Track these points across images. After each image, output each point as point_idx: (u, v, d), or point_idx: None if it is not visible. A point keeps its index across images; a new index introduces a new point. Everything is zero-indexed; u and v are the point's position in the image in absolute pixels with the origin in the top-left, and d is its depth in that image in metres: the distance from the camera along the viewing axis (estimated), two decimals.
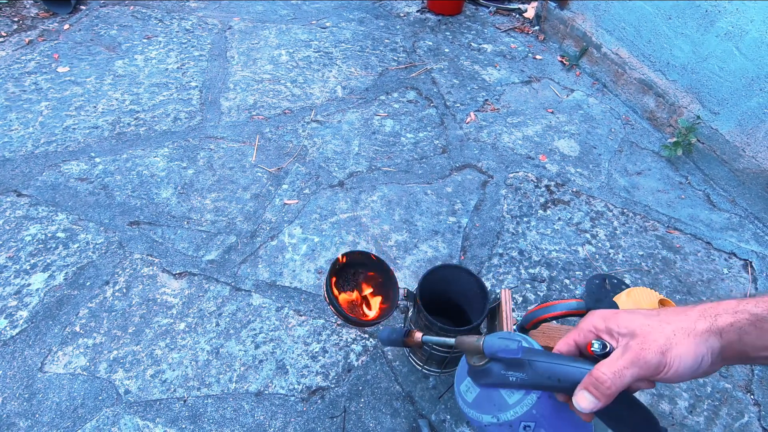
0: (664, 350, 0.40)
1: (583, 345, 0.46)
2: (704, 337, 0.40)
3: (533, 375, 0.45)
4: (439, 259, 1.39)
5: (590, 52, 2.18)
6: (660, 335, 0.41)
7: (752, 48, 1.52)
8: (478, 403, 0.50)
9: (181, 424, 1.03)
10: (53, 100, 1.79)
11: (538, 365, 0.45)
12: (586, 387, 0.41)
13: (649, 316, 0.43)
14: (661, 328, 0.41)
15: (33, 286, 1.24)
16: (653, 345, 0.40)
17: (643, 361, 0.40)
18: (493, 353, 0.45)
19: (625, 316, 0.44)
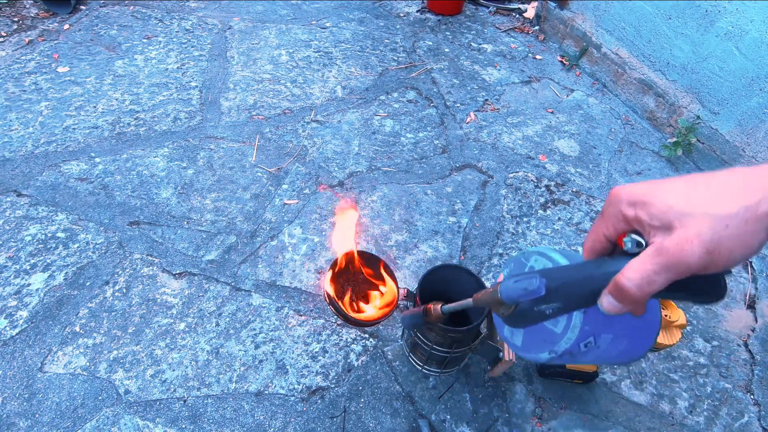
0: (712, 248, 0.31)
1: (614, 237, 0.39)
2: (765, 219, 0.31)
3: (567, 301, 0.40)
4: (439, 259, 1.39)
5: (590, 52, 2.18)
6: (706, 227, 0.31)
7: (752, 48, 1.52)
8: (528, 344, 0.48)
9: (181, 424, 1.03)
10: (53, 100, 1.79)
11: (567, 289, 0.40)
12: (611, 291, 0.36)
13: (692, 196, 0.33)
14: (707, 216, 0.32)
15: (33, 286, 1.24)
16: (695, 243, 0.32)
17: (683, 266, 0.32)
18: (515, 300, 0.42)
19: (660, 200, 0.34)
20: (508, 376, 1.15)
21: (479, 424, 1.07)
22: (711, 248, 0.31)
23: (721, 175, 0.33)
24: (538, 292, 0.40)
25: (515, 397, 1.12)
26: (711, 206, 0.32)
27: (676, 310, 0.81)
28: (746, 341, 1.28)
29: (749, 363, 1.23)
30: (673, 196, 0.34)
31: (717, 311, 1.34)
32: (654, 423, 1.11)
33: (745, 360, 1.24)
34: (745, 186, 0.32)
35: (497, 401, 1.11)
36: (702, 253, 0.32)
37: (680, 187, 0.34)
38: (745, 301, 1.37)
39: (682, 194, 0.34)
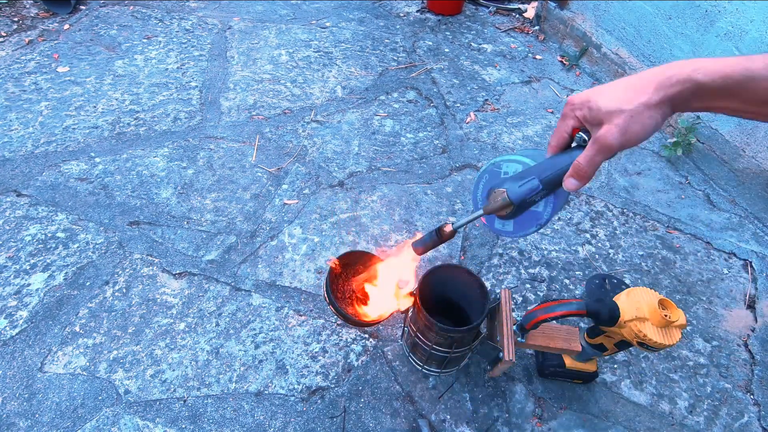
0: (624, 131, 0.48)
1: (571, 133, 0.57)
2: (661, 107, 0.48)
3: (547, 187, 0.58)
4: (439, 259, 1.39)
5: (590, 52, 2.18)
6: (621, 120, 0.48)
7: (752, 48, 1.52)
8: (518, 226, 0.66)
9: (181, 424, 1.03)
10: (53, 100, 1.79)
11: (548, 179, 0.58)
12: (571, 174, 0.55)
13: (612, 98, 0.49)
14: (623, 107, 0.48)
15: (33, 286, 1.24)
16: (615, 131, 0.49)
17: (608, 147, 0.50)
18: (523, 199, 0.60)
19: (594, 103, 0.51)
20: (508, 376, 1.15)
21: (479, 424, 1.07)
22: (624, 132, 0.49)
23: (631, 80, 0.50)
24: (537, 188, 0.59)
25: (515, 397, 1.12)
26: (623, 104, 0.48)
27: (676, 310, 0.81)
28: (746, 341, 1.28)
29: (749, 363, 1.23)
30: (602, 100, 0.50)
31: (717, 311, 1.34)
32: (654, 423, 1.11)
33: (745, 360, 1.24)
34: (642, 87, 0.48)
35: (497, 401, 1.11)
36: (619, 136, 0.49)
37: (606, 91, 0.50)
38: (745, 301, 1.37)
39: (607, 98, 0.50)
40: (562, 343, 1.01)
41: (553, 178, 0.57)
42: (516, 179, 0.61)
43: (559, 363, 1.09)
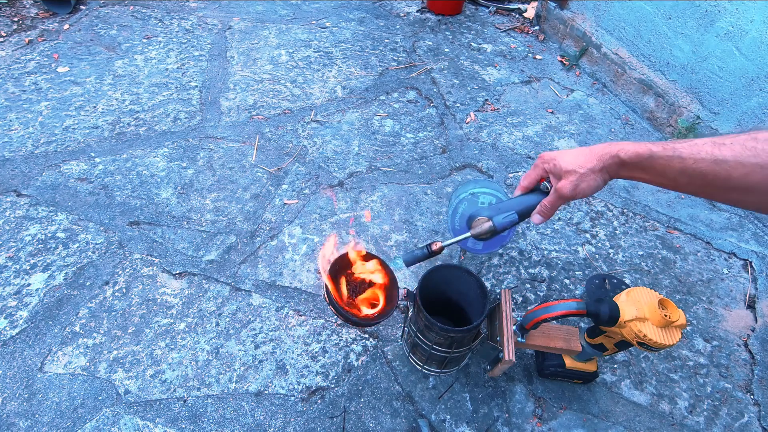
0: (575, 186, 0.69)
1: (539, 180, 0.78)
2: (602, 173, 0.68)
3: (519, 218, 0.78)
4: (439, 259, 1.39)
5: (590, 52, 2.18)
6: (574, 178, 0.68)
7: (752, 48, 1.52)
8: (486, 246, 0.95)
9: (181, 424, 1.03)
10: (53, 100, 1.79)
11: (521, 213, 0.77)
12: (538, 212, 0.77)
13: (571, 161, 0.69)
14: (577, 170, 0.68)
15: (33, 286, 1.24)
16: (569, 186, 0.69)
17: (564, 196, 0.71)
18: (504, 227, 0.77)
19: (558, 161, 0.70)
20: (508, 376, 1.15)
21: (479, 424, 1.07)
22: (574, 187, 0.69)
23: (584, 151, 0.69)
24: (516, 221, 0.77)
25: (515, 397, 1.12)
26: (577, 167, 0.68)
27: (676, 310, 0.81)
28: (746, 341, 1.28)
29: (749, 363, 1.23)
30: (563, 161, 0.70)
31: (717, 311, 1.34)
32: (654, 423, 1.11)
33: (745, 360, 1.24)
34: (591, 158, 0.67)
35: (497, 401, 1.11)
36: (571, 189, 0.69)
37: (568, 156, 0.70)
38: (745, 301, 1.37)
39: (567, 161, 0.69)
40: (562, 343, 1.01)
41: (524, 213, 0.77)
42: (495, 210, 0.78)
43: (559, 363, 1.09)
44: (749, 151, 0.52)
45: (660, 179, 0.63)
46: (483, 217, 0.78)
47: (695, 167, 0.57)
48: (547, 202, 0.74)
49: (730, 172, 0.54)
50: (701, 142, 0.57)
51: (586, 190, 0.68)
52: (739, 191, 0.55)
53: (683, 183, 0.60)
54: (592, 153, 0.67)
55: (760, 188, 0.53)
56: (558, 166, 0.70)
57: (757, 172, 0.52)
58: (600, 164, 0.66)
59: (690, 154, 0.57)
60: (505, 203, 0.78)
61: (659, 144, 0.61)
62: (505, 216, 0.76)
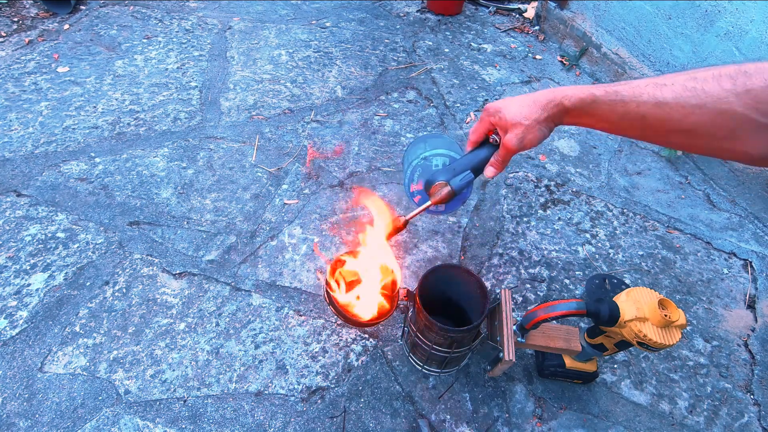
0: (521, 138, 0.68)
1: (486, 133, 0.77)
2: (547, 123, 0.67)
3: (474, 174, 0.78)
4: (439, 259, 1.39)
5: (590, 52, 2.18)
6: (520, 130, 0.67)
7: (752, 48, 1.52)
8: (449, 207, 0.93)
9: (181, 424, 1.03)
10: (53, 100, 1.79)
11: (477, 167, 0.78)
12: (490, 164, 0.77)
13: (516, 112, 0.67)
14: (522, 122, 0.67)
15: (33, 286, 1.24)
16: (515, 139, 0.69)
17: (511, 149, 0.71)
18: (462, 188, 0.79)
19: (504, 114, 0.69)
20: (508, 376, 1.15)
21: (479, 424, 1.07)
22: (521, 140, 0.69)
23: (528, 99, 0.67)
24: (473, 179, 0.78)
25: (515, 397, 1.12)
26: (522, 119, 0.67)
27: (676, 310, 0.81)
28: (746, 341, 1.28)
29: (749, 363, 1.23)
30: (508, 113, 0.68)
31: (717, 311, 1.34)
32: (654, 423, 1.11)
33: (745, 360, 1.24)
34: (535, 107, 0.66)
35: (497, 401, 1.11)
36: (518, 143, 0.69)
37: (512, 106, 0.68)
38: (745, 301, 1.37)
39: (512, 112, 0.68)
40: (562, 343, 1.01)
41: (479, 168, 0.78)
42: (450, 172, 0.78)
43: (559, 363, 1.09)
44: (689, 92, 0.50)
45: (603, 124, 0.62)
46: (440, 181, 0.78)
47: (637, 110, 0.55)
48: (499, 156, 0.75)
49: (671, 114, 0.52)
50: (643, 84, 0.55)
51: (534, 141, 0.68)
52: (679, 134, 0.53)
53: (625, 126, 0.59)
54: (536, 103, 0.66)
55: (699, 130, 0.51)
56: (503, 118, 0.69)
57: (696, 113, 0.50)
58: (545, 113, 0.65)
59: (632, 96, 0.55)
60: (458, 162, 0.79)
61: (601, 87, 0.59)
62: (461, 177, 0.77)
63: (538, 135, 0.68)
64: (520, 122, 0.67)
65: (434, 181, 0.80)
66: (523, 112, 0.66)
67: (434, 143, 0.91)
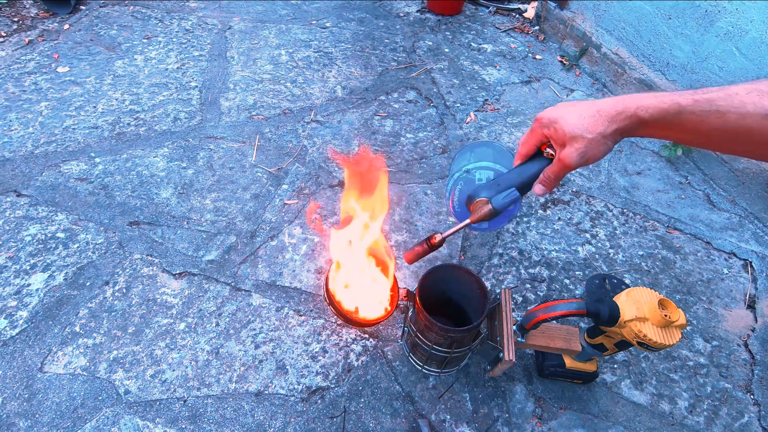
0: (583, 154, 0.60)
1: (539, 145, 0.69)
2: (614, 136, 0.59)
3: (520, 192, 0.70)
4: (439, 259, 1.39)
5: (590, 52, 2.18)
6: (581, 143, 0.59)
7: (752, 48, 1.52)
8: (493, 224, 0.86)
9: (181, 424, 1.03)
10: (53, 100, 1.79)
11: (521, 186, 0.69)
12: (539, 182, 0.68)
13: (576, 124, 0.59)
14: (584, 135, 0.59)
15: (33, 286, 1.24)
16: (575, 154, 0.60)
17: (569, 166, 0.62)
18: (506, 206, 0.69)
19: (561, 126, 0.61)
20: (508, 376, 1.15)
21: (479, 424, 1.07)
22: (582, 156, 0.60)
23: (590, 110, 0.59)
24: (518, 197, 0.68)
25: (515, 397, 1.12)
26: (584, 132, 0.59)
27: (676, 310, 0.81)
28: (746, 341, 1.28)
29: (749, 363, 1.23)
30: (567, 125, 0.60)
31: (717, 311, 1.34)
32: (654, 423, 1.11)
33: (745, 360, 1.24)
34: (600, 119, 0.58)
35: (497, 401, 1.11)
36: (578, 159, 0.61)
37: (570, 117, 0.60)
38: (745, 301, 1.37)
39: (571, 124, 0.60)
40: (562, 343, 1.01)
41: (526, 185, 0.69)
42: (494, 188, 0.70)
43: (559, 363, 1.09)
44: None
45: (690, 137, 0.54)
46: (482, 198, 0.70)
47: (741, 123, 0.47)
48: (551, 173, 0.65)
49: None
50: (742, 91, 0.47)
51: (596, 157, 0.60)
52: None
53: (723, 140, 0.51)
54: (601, 114, 0.57)
55: None
56: (560, 130, 0.61)
57: None
58: (612, 126, 0.57)
59: (731, 106, 0.47)
60: (504, 177, 0.70)
61: (687, 95, 0.51)
62: (505, 195, 0.68)
63: (602, 150, 0.59)
64: (582, 135, 0.58)
65: (476, 197, 0.71)
66: (585, 124, 0.58)
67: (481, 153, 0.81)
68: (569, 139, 0.60)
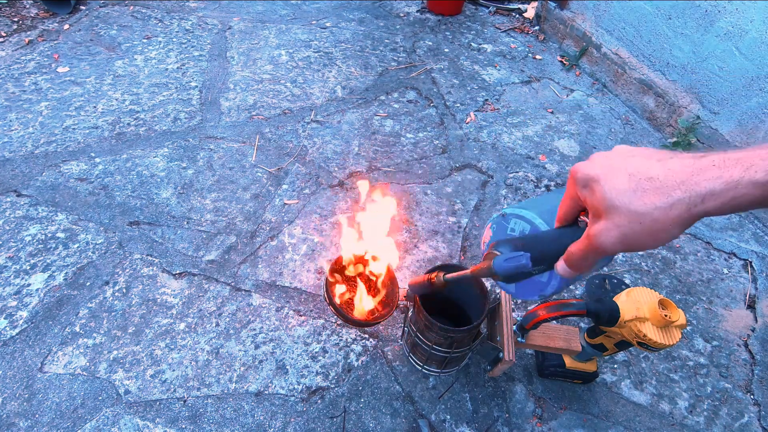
0: (624, 239, 0.38)
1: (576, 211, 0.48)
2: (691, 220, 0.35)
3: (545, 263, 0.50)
4: (439, 259, 1.39)
5: (590, 52, 2.18)
6: (625, 220, 0.38)
7: (752, 48, 1.52)
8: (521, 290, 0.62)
9: (181, 424, 1.03)
10: (53, 100, 1.79)
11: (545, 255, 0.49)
12: (563, 258, 0.46)
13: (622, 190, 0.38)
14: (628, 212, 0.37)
15: (33, 286, 1.24)
16: (613, 233, 0.38)
17: (602, 250, 0.40)
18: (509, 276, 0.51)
19: (600, 189, 0.39)
20: (508, 376, 1.15)
21: (479, 424, 1.07)
22: (624, 239, 0.38)
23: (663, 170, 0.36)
24: (526, 267, 0.49)
25: (515, 397, 1.12)
26: (633, 202, 0.37)
27: (676, 310, 0.81)
28: (746, 341, 1.28)
29: (749, 363, 1.23)
30: (609, 187, 0.39)
31: (717, 311, 1.34)
32: (654, 423, 1.11)
33: (745, 360, 1.24)
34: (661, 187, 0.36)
35: (497, 401, 1.11)
36: (616, 241, 0.38)
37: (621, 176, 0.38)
38: (745, 301, 1.37)
39: (616, 187, 0.38)
40: (562, 343, 1.01)
41: (548, 256, 0.50)
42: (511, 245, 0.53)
43: (559, 363, 1.09)
44: None
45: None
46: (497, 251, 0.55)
47: None
48: (576, 250, 0.43)
49: None
50: None
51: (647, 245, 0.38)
52: None
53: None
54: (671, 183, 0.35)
55: None
56: (600, 194, 0.39)
57: None
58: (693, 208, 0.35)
59: None
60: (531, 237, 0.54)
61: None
62: (509, 258, 0.51)
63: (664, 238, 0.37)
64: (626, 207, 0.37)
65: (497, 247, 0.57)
66: (645, 199, 0.36)
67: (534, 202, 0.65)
68: (606, 209, 0.39)
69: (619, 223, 0.38)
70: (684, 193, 0.35)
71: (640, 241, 0.38)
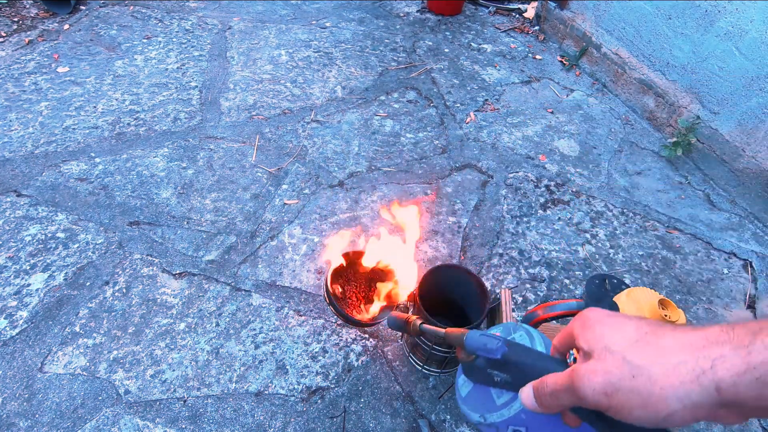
0: (610, 391, 0.30)
1: (568, 345, 0.41)
2: (682, 391, 0.28)
3: (517, 376, 0.41)
4: (439, 259, 1.39)
5: (590, 52, 2.18)
6: (615, 367, 0.31)
7: (752, 48, 1.52)
8: (469, 399, 0.49)
9: (181, 424, 1.03)
10: (53, 100, 1.79)
11: (522, 367, 0.41)
12: (534, 384, 0.37)
13: (625, 338, 0.33)
14: (624, 360, 0.31)
15: (33, 286, 1.24)
16: (599, 378, 0.31)
17: (579, 393, 0.32)
18: (473, 351, 0.44)
19: (599, 330, 0.35)
20: None
21: None
22: (608, 389, 0.30)
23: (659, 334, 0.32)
24: (494, 354, 0.42)
25: None
26: (631, 351, 0.31)
27: (676, 310, 0.81)
28: None
29: None
30: (609, 330, 0.34)
31: (717, 311, 1.34)
32: None
33: None
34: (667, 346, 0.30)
35: None
36: (599, 389, 0.31)
37: (625, 325, 0.34)
38: (745, 301, 1.37)
39: (618, 331, 0.33)
40: None
41: (521, 369, 0.42)
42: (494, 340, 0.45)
43: None
44: None
45: None
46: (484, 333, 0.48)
47: None
48: (550, 382, 0.36)
49: None
50: None
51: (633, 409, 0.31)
52: None
53: None
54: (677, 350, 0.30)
55: None
56: (598, 335, 0.35)
57: None
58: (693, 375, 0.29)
59: None
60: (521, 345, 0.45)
61: None
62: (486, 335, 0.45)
63: (658, 410, 0.29)
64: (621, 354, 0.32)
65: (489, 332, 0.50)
66: (647, 351, 0.31)
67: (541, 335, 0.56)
68: (599, 350, 0.33)
69: (608, 369, 0.31)
70: (690, 355, 0.29)
71: (627, 402, 0.30)
